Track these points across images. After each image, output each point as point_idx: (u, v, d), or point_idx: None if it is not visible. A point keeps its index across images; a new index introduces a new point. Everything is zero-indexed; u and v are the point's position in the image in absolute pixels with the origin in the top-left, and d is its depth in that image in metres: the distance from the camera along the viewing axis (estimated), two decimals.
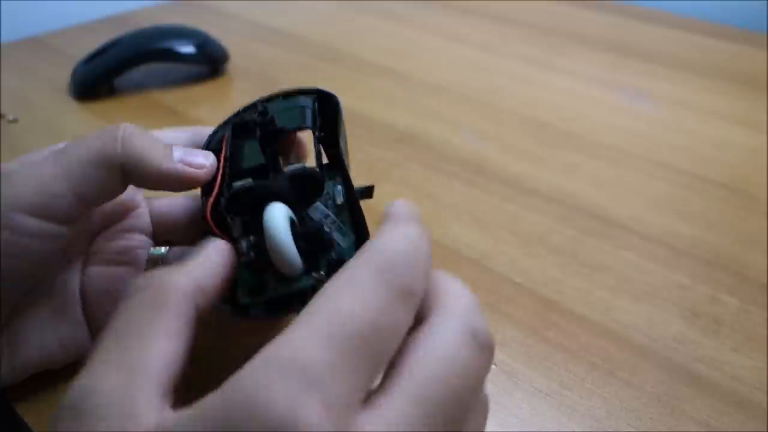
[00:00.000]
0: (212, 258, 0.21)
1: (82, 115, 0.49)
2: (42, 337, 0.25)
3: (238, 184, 0.23)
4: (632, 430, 0.26)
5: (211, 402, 0.15)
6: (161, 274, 0.19)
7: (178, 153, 0.24)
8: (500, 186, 0.40)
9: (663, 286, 0.33)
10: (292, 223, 0.21)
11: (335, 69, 0.56)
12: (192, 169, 0.24)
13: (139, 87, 0.53)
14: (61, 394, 0.27)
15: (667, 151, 0.44)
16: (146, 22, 0.59)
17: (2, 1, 0.65)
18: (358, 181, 0.26)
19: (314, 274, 0.22)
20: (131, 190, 0.26)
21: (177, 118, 0.48)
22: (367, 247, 0.17)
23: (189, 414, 0.15)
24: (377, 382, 0.16)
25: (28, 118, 0.48)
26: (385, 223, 0.18)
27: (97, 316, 0.25)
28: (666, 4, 0.69)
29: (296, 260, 0.21)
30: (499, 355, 0.29)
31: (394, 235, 0.17)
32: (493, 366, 0.28)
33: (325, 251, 0.22)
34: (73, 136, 0.24)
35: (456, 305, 0.17)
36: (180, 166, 0.23)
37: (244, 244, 0.22)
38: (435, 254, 0.29)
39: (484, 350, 0.17)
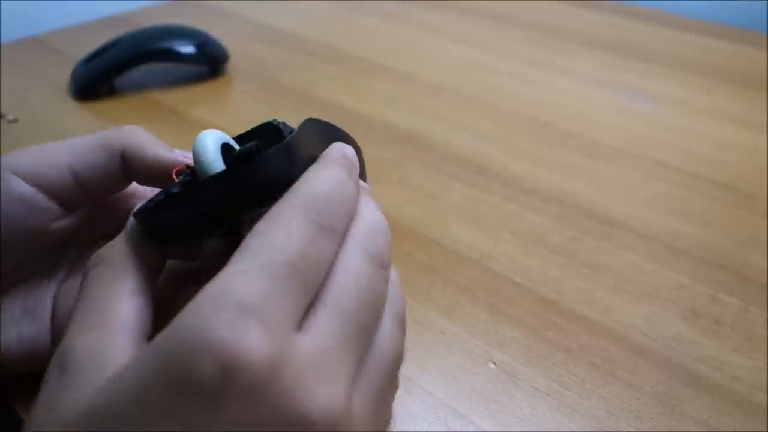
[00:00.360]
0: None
1: (82, 115, 0.49)
2: (4, 329, 0.24)
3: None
4: (632, 430, 0.26)
5: (158, 343, 0.15)
6: (107, 248, 0.21)
7: (178, 151, 0.25)
8: (500, 186, 0.40)
9: (663, 286, 0.33)
10: (225, 147, 0.21)
11: (335, 69, 0.56)
12: (190, 160, 0.24)
13: (139, 87, 0.53)
14: None
15: (667, 151, 0.44)
16: (146, 22, 0.59)
17: (2, 1, 0.65)
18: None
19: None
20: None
21: (177, 118, 0.48)
22: (295, 187, 0.19)
23: (138, 356, 0.16)
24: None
25: (28, 118, 0.48)
26: (315, 164, 0.20)
27: (63, 327, 0.25)
28: (666, 4, 0.69)
29: (215, 161, 0.20)
30: (499, 355, 0.29)
31: (321, 177, 0.19)
32: (493, 366, 0.28)
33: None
34: (73, 136, 0.24)
35: (359, 231, 0.19)
36: (179, 154, 0.24)
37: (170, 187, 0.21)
38: (435, 254, 0.29)
39: (382, 267, 0.19)
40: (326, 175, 0.19)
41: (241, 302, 0.15)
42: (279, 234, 0.17)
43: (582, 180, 0.41)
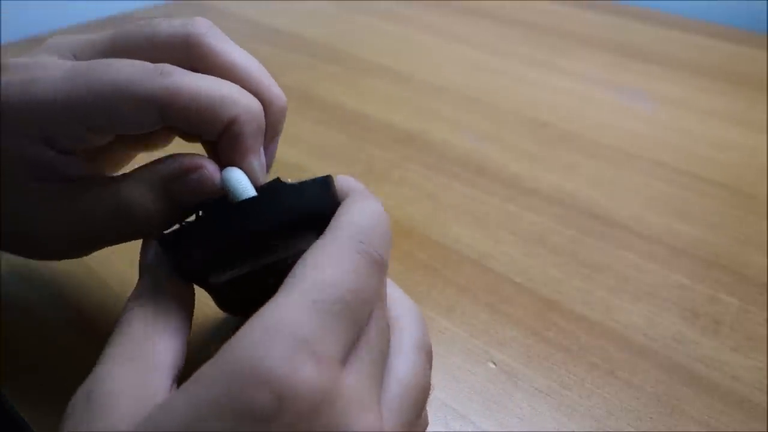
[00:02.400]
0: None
1: None
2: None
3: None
4: (632, 430, 0.26)
5: (208, 371, 0.15)
6: (145, 286, 0.21)
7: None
8: (500, 186, 0.40)
9: (662, 285, 0.33)
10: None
11: (335, 69, 0.56)
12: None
13: None
14: (63, 394, 0.27)
15: (667, 151, 0.44)
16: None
17: (2, 1, 0.65)
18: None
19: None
20: None
21: None
22: (342, 220, 0.19)
23: (187, 387, 0.16)
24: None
25: None
26: (350, 198, 0.20)
27: None
28: (666, 4, 0.69)
29: (249, 187, 0.21)
30: (499, 355, 0.29)
31: (365, 210, 0.19)
32: (493, 366, 0.28)
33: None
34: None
35: None
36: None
37: (200, 214, 0.22)
38: (435, 254, 0.29)
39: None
40: (369, 209, 0.20)
41: (296, 336, 0.15)
42: (331, 269, 0.17)
43: (582, 180, 0.41)
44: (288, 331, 0.15)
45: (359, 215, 0.19)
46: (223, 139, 0.22)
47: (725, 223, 0.37)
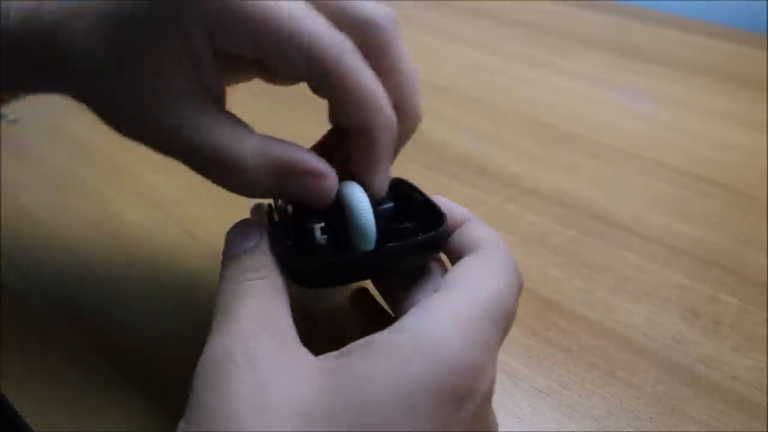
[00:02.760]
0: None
1: (82, 115, 0.49)
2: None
3: None
4: (632, 430, 0.26)
5: (402, 341, 0.17)
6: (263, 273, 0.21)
7: None
8: (500, 186, 0.40)
9: (663, 285, 0.33)
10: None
11: None
12: None
13: None
14: (63, 393, 0.27)
15: (667, 151, 0.44)
16: None
17: (2, 1, 0.65)
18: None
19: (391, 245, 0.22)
20: None
21: None
22: (491, 246, 0.22)
23: (386, 363, 0.17)
24: None
25: (28, 118, 0.48)
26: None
27: None
28: (666, 4, 0.69)
29: (372, 230, 0.22)
30: (499, 355, 0.29)
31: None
32: None
33: (396, 232, 0.23)
34: (73, 137, 0.24)
35: None
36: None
37: (314, 223, 0.22)
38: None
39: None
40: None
41: (484, 341, 0.18)
42: (500, 284, 0.20)
43: (582, 180, 0.41)
44: (480, 333, 0.18)
45: (500, 240, 0.22)
46: (357, 143, 0.22)
47: (725, 223, 0.37)
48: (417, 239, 0.22)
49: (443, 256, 0.24)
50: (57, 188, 0.40)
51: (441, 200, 0.25)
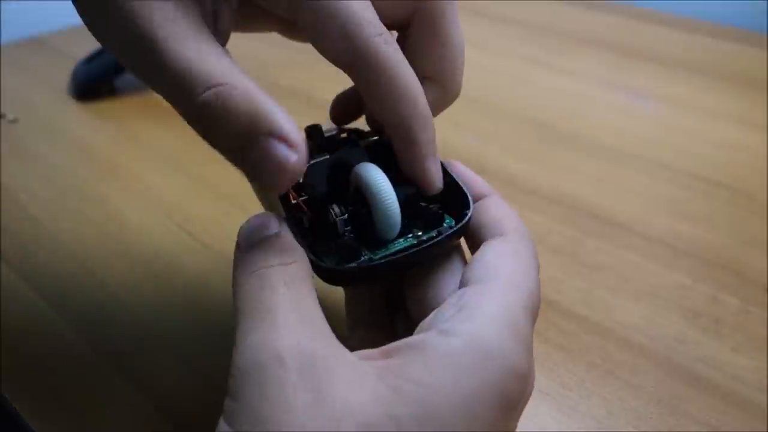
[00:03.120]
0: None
1: (82, 115, 0.49)
2: None
3: (315, 159, 0.23)
4: (632, 430, 0.26)
5: (458, 347, 0.17)
6: (287, 258, 0.19)
7: None
8: (500, 186, 0.40)
9: (663, 286, 0.33)
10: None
11: (334, 69, 0.56)
12: None
13: (139, 87, 0.53)
14: (63, 393, 0.27)
15: (667, 151, 0.44)
16: None
17: (2, 2, 0.65)
18: None
19: (416, 233, 0.21)
20: None
21: (177, 119, 0.48)
22: (514, 229, 0.22)
23: (436, 371, 0.17)
24: None
25: (28, 118, 0.48)
26: (497, 205, 0.23)
27: None
28: (666, 4, 0.69)
29: (398, 219, 0.21)
30: None
31: (516, 219, 0.22)
32: None
33: (421, 214, 0.22)
34: (73, 137, 0.24)
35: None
36: None
37: (337, 215, 0.21)
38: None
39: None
40: (516, 218, 0.22)
41: (528, 341, 0.18)
42: (531, 281, 0.20)
43: (582, 180, 0.41)
44: (524, 334, 0.18)
45: (521, 223, 0.22)
46: (396, 137, 0.22)
47: (726, 223, 0.37)
48: (453, 231, 0.21)
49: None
50: (57, 188, 0.40)
51: (458, 168, 0.24)
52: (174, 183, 0.39)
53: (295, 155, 0.18)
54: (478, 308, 0.18)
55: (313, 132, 0.25)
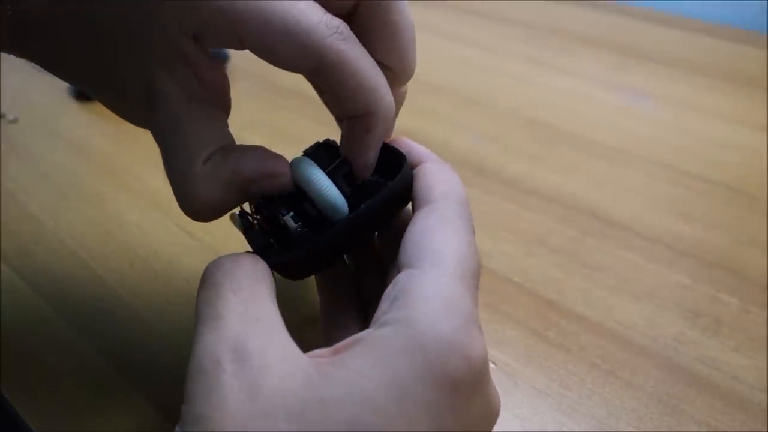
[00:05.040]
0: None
1: (82, 115, 0.49)
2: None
3: None
4: (633, 430, 0.26)
5: (391, 342, 0.17)
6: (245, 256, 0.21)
7: None
8: (500, 186, 0.40)
9: (663, 286, 0.33)
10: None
11: None
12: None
13: None
14: (63, 393, 0.27)
15: (668, 151, 0.44)
16: None
17: None
18: None
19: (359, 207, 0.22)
20: None
21: None
22: (446, 194, 0.21)
23: (372, 356, 0.17)
24: None
25: (28, 118, 0.48)
26: (431, 167, 0.22)
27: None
28: (666, 4, 0.69)
29: (338, 198, 0.21)
30: (499, 355, 0.29)
31: (453, 179, 0.22)
32: (493, 366, 0.28)
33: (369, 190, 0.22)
34: (72, 137, 0.24)
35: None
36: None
37: (284, 215, 0.22)
38: None
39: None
40: (452, 176, 0.21)
41: (467, 310, 0.18)
42: (460, 246, 0.19)
43: (582, 180, 0.41)
44: (461, 306, 0.18)
45: (454, 186, 0.21)
46: (352, 127, 0.22)
47: (726, 223, 0.37)
48: (387, 188, 0.21)
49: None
50: (57, 188, 0.40)
51: (401, 140, 0.24)
52: None
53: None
54: (409, 293, 0.18)
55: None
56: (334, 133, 0.25)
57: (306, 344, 0.18)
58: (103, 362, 0.28)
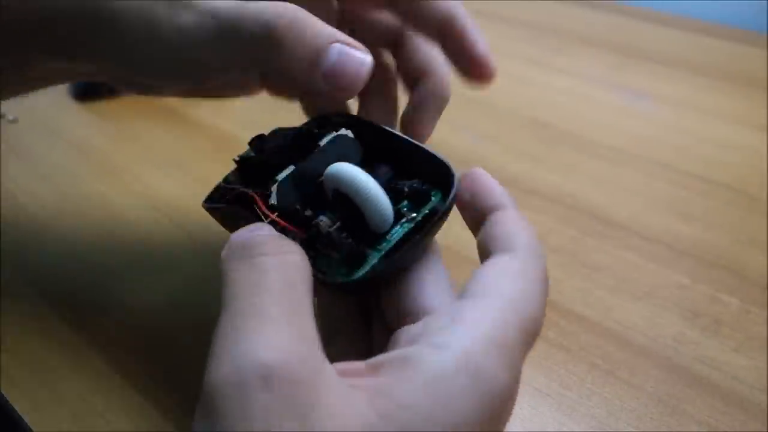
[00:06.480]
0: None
1: (82, 115, 0.49)
2: None
3: (281, 175, 0.22)
4: (632, 430, 0.26)
5: (437, 365, 0.16)
6: (287, 251, 0.19)
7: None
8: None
9: (663, 286, 0.33)
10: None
11: None
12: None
13: None
14: (63, 393, 0.27)
15: (667, 151, 0.44)
16: None
17: None
18: None
19: (410, 216, 0.21)
20: None
21: (177, 119, 0.48)
22: (528, 251, 0.20)
23: (421, 375, 0.16)
24: None
25: (28, 118, 0.48)
26: (514, 217, 0.21)
27: None
28: (666, 4, 0.69)
29: (391, 211, 0.21)
30: None
31: (532, 235, 0.21)
32: None
33: (416, 200, 0.22)
34: (72, 137, 0.24)
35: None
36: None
37: (330, 226, 0.21)
38: None
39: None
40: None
41: (518, 366, 0.17)
42: (531, 303, 0.19)
43: (582, 180, 0.41)
44: (515, 358, 0.17)
45: (535, 241, 0.21)
46: (450, 35, 0.27)
47: (726, 223, 0.37)
48: (452, 199, 0.21)
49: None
50: (57, 188, 0.40)
51: (480, 176, 0.23)
52: (174, 183, 0.39)
53: (369, 56, 0.22)
54: (473, 324, 0.17)
55: (265, 140, 0.24)
56: None
57: None
58: (103, 362, 0.28)
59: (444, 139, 0.45)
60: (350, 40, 0.23)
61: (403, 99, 0.31)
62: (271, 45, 0.22)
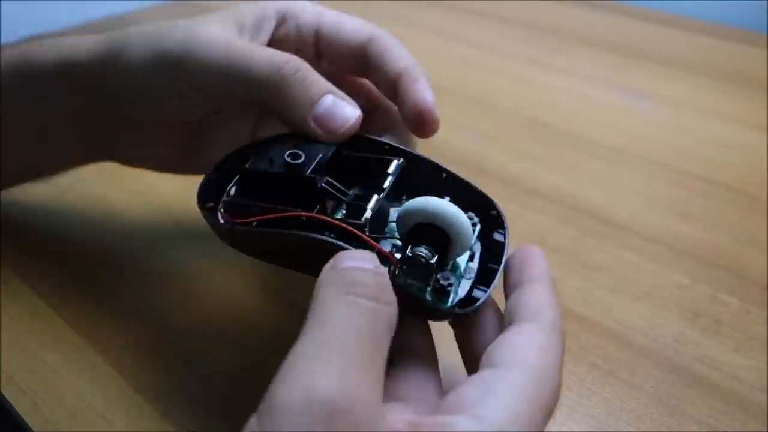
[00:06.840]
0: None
1: None
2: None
3: (371, 205, 0.24)
4: (632, 430, 0.26)
5: (493, 415, 0.17)
6: (387, 302, 0.19)
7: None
8: (500, 186, 0.40)
9: (663, 286, 0.33)
10: None
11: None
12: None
13: None
14: (63, 393, 0.27)
15: (667, 151, 0.44)
16: (146, 23, 0.59)
17: (2, 1, 0.65)
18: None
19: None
20: None
21: None
22: (550, 324, 0.22)
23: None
24: None
25: None
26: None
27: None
28: (666, 4, 0.69)
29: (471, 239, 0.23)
30: None
31: (558, 324, 0.22)
32: None
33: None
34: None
35: None
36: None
37: (429, 258, 0.22)
38: None
39: None
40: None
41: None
42: (549, 383, 0.20)
43: (582, 180, 0.41)
44: (537, 425, 0.18)
45: (556, 316, 0.22)
46: (405, 83, 0.30)
47: (726, 223, 0.37)
48: (506, 245, 0.24)
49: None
50: (57, 188, 0.40)
51: (531, 251, 0.24)
52: (174, 183, 0.39)
53: (358, 110, 0.26)
54: (504, 398, 0.18)
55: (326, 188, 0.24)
56: None
57: None
58: (103, 362, 0.28)
59: (444, 139, 0.45)
60: (342, 94, 0.26)
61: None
62: (276, 84, 0.25)
